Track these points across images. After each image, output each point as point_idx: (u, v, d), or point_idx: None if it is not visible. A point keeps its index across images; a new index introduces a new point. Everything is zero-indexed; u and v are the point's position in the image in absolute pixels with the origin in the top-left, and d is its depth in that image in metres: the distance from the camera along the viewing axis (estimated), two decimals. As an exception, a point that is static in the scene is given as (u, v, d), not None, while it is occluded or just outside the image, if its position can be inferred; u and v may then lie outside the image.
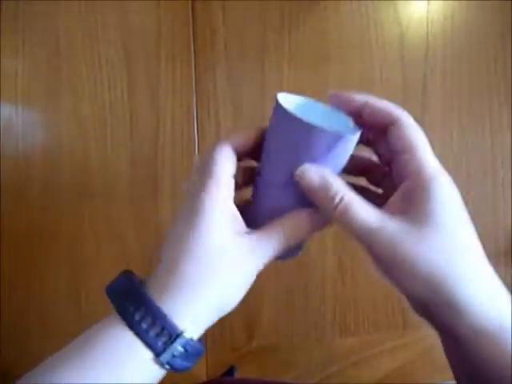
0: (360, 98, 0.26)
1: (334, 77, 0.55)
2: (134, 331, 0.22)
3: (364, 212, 0.23)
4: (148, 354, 0.22)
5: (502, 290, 0.23)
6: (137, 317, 0.22)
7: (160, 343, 0.22)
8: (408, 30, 0.56)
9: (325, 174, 0.24)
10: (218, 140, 0.26)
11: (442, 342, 0.26)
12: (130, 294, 0.23)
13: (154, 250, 0.27)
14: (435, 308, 0.23)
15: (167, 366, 0.23)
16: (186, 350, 0.23)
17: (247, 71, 0.54)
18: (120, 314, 0.23)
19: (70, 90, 0.51)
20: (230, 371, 0.53)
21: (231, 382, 0.47)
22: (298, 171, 0.24)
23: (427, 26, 0.57)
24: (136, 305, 0.23)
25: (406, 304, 0.28)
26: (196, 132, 0.53)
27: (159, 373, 0.23)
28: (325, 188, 0.24)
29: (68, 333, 0.25)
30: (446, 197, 0.24)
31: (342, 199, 0.24)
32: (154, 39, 0.52)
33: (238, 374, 0.54)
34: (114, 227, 0.52)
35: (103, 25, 0.52)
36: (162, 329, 0.22)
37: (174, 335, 0.22)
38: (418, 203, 0.23)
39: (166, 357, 0.22)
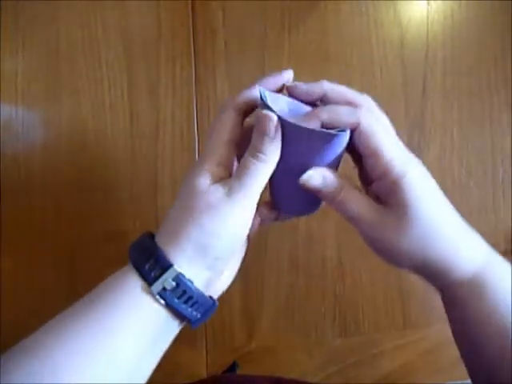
0: (317, 89, 0.28)
1: (333, 77, 0.55)
2: (134, 266, 0.25)
3: (358, 203, 0.27)
4: (141, 284, 0.25)
5: (477, 245, 0.28)
6: (140, 256, 0.26)
7: (152, 274, 0.25)
8: (408, 29, 0.56)
9: (325, 176, 0.27)
10: (229, 99, 0.28)
11: (441, 299, 0.31)
12: (142, 241, 0.27)
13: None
14: (422, 275, 0.29)
15: (161, 301, 0.25)
16: (178, 285, 0.24)
17: (247, 71, 0.54)
18: (129, 256, 0.26)
19: (70, 90, 0.51)
20: (232, 367, 0.53)
21: (231, 378, 0.47)
22: (302, 180, 0.27)
23: (427, 26, 0.57)
24: (142, 248, 0.26)
25: (407, 304, 0.29)
26: (196, 132, 0.53)
27: (163, 315, 0.25)
28: (327, 188, 0.27)
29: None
30: (415, 190, 0.27)
31: (340, 193, 0.27)
32: (154, 39, 0.52)
33: (238, 372, 0.54)
34: (114, 227, 0.52)
35: (103, 25, 0.52)
36: (156, 262, 0.25)
37: (164, 267, 0.25)
38: (392, 200, 0.27)
39: (157, 287, 0.24)
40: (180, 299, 0.25)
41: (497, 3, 0.57)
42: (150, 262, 0.25)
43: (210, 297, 0.27)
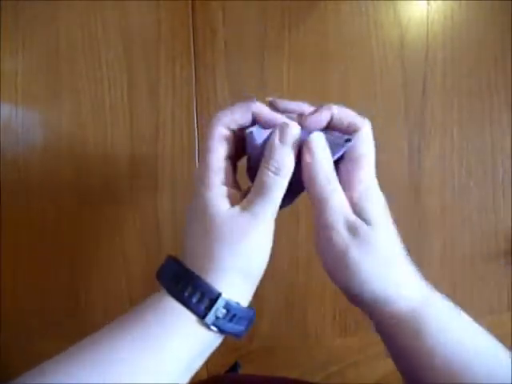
0: (325, 115, 0.29)
1: (334, 77, 0.55)
2: (178, 301, 0.25)
3: (340, 203, 0.27)
4: (193, 318, 0.25)
5: (418, 281, 0.28)
6: (179, 287, 0.25)
7: (202, 307, 0.24)
8: (408, 30, 0.56)
9: (329, 173, 0.27)
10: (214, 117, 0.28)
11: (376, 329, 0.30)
12: (174, 270, 0.26)
13: (154, 250, 0.27)
14: (361, 300, 0.28)
15: (214, 328, 0.25)
16: (228, 311, 0.25)
17: (247, 71, 0.54)
18: (165, 288, 0.25)
19: (70, 90, 0.51)
20: (234, 367, 0.54)
21: (232, 378, 0.47)
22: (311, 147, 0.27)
23: (427, 26, 0.57)
24: (178, 278, 0.25)
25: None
26: (196, 132, 0.53)
27: (211, 337, 0.26)
28: (325, 181, 0.27)
29: (68, 333, 0.25)
30: (377, 213, 0.27)
31: (333, 191, 0.27)
32: (154, 39, 0.52)
33: (240, 372, 0.54)
34: (114, 227, 0.52)
35: (103, 25, 0.52)
36: (202, 294, 0.25)
37: (213, 298, 0.25)
38: (357, 212, 0.27)
39: (210, 318, 0.25)
40: (231, 322, 0.26)
41: (497, 3, 0.57)
42: (196, 294, 0.25)
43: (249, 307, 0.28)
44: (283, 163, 0.26)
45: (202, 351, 0.26)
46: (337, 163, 0.28)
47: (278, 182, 0.26)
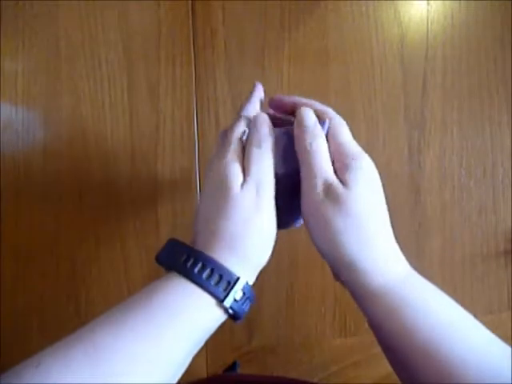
0: (288, 100, 0.31)
1: (334, 77, 0.55)
2: (194, 283, 0.24)
3: (320, 164, 0.28)
4: (211, 300, 0.25)
5: (398, 257, 0.28)
6: (195, 270, 0.24)
7: (221, 289, 0.25)
8: (408, 30, 0.56)
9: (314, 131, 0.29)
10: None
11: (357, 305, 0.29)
12: (184, 252, 0.26)
13: (154, 249, 0.27)
14: (340, 267, 0.28)
15: (230, 311, 0.25)
16: (244, 294, 0.26)
17: (247, 71, 0.54)
18: (178, 271, 0.25)
19: (70, 90, 0.51)
20: (233, 366, 0.54)
21: (231, 378, 0.47)
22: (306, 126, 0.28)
23: (427, 25, 0.57)
24: (193, 260, 0.25)
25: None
26: (196, 132, 0.53)
27: (217, 320, 0.26)
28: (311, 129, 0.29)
29: (68, 333, 0.25)
30: (359, 178, 0.27)
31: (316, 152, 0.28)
32: (154, 39, 0.52)
33: (239, 371, 0.54)
34: (114, 227, 0.52)
35: (103, 25, 0.52)
36: (220, 277, 0.25)
37: (232, 281, 0.25)
38: (338, 176, 0.27)
39: (229, 301, 0.25)
40: (244, 304, 0.26)
41: (497, 3, 0.57)
42: (213, 277, 0.25)
43: None
44: (262, 136, 0.28)
45: (210, 331, 0.26)
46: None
47: (261, 153, 0.28)
